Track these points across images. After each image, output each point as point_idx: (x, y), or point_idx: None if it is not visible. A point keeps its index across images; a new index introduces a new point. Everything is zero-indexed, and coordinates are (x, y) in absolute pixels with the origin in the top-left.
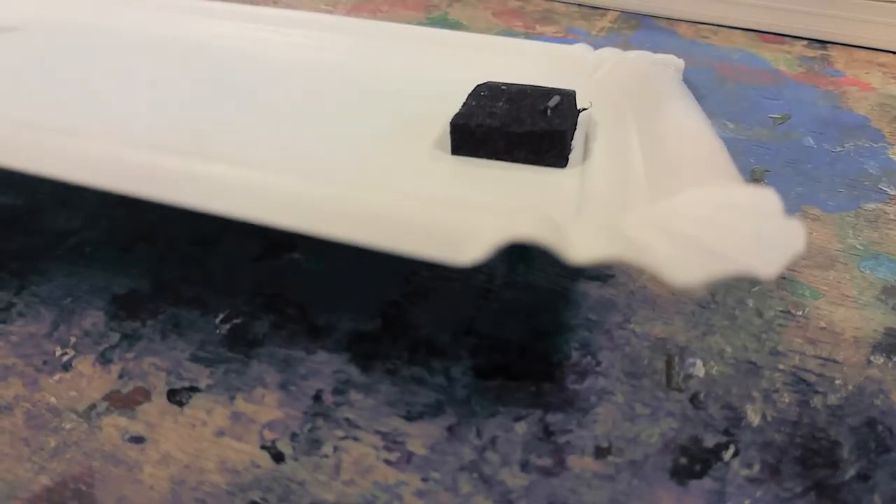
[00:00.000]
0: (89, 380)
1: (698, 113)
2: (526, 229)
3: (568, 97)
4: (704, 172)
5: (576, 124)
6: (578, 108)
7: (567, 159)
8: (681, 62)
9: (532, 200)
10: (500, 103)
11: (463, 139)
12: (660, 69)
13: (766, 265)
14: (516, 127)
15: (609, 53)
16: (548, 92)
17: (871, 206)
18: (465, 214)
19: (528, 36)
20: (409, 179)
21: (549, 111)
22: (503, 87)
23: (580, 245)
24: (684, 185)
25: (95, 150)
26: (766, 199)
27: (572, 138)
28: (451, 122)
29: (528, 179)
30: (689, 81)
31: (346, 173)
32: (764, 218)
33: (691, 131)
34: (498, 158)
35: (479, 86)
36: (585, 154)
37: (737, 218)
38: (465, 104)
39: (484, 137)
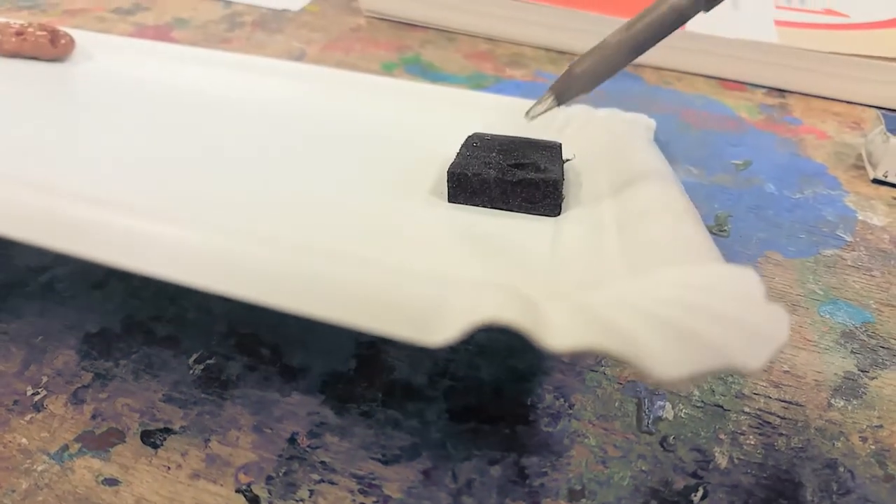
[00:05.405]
0: (61, 420)
1: (675, 182)
2: (500, 312)
3: (555, 148)
4: (683, 250)
5: (563, 174)
6: (564, 158)
7: (560, 207)
8: (652, 122)
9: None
10: (493, 154)
11: (460, 187)
12: (631, 129)
13: (752, 357)
14: (511, 176)
15: (579, 111)
16: (535, 143)
17: (829, 252)
18: (438, 292)
19: (497, 79)
20: (405, 229)
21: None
22: (493, 138)
23: (557, 330)
24: (663, 262)
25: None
26: (747, 281)
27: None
28: (448, 171)
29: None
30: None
31: (344, 225)
32: (746, 302)
33: (669, 205)
34: (493, 206)
35: (470, 137)
36: (559, 224)
37: (718, 302)
38: (459, 154)
39: (480, 186)
